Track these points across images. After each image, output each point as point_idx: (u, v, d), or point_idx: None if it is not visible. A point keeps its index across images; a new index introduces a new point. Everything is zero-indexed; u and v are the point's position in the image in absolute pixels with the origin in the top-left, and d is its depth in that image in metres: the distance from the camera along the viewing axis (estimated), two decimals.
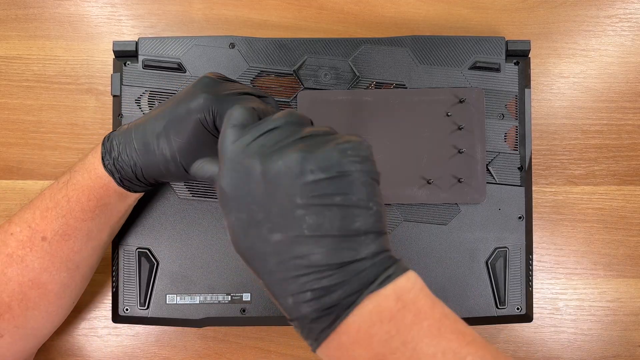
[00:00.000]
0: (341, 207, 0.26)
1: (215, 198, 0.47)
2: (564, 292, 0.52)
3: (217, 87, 0.38)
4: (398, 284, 0.25)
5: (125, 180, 0.40)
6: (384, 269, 0.26)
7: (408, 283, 0.26)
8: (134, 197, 0.43)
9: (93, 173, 0.40)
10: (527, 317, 0.47)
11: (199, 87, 0.38)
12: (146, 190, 0.43)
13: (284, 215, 0.26)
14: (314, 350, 0.27)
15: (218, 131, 0.38)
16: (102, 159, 0.40)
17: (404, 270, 0.26)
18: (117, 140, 0.40)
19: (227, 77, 0.42)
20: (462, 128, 0.46)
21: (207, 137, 0.38)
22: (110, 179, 0.40)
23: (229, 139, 0.29)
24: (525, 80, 0.48)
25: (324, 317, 0.25)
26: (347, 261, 0.25)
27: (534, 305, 0.50)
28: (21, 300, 0.40)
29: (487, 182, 0.47)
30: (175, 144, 0.38)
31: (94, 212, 0.41)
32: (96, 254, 0.44)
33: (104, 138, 0.41)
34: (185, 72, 0.47)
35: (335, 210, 0.26)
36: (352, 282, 0.25)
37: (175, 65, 0.47)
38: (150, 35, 0.52)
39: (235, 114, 0.30)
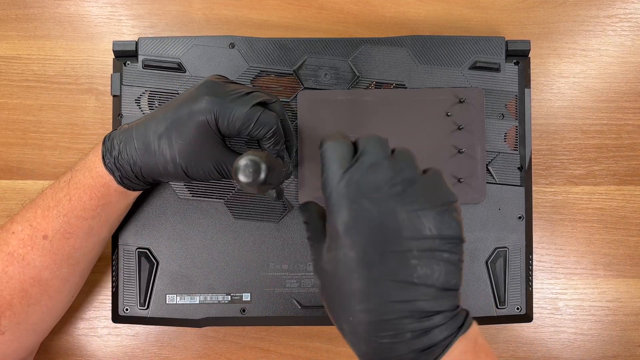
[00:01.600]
0: (447, 263, 0.29)
1: (215, 198, 0.47)
2: (564, 292, 0.52)
3: (220, 89, 0.39)
4: (474, 329, 0.30)
5: (125, 179, 0.40)
6: (465, 317, 0.30)
7: (477, 329, 0.30)
8: (133, 195, 0.43)
9: (94, 172, 0.40)
10: (527, 317, 0.47)
11: (202, 89, 0.39)
12: (145, 189, 0.44)
13: (398, 261, 0.28)
14: None
15: (221, 134, 0.39)
16: (103, 157, 0.40)
17: (471, 319, 0.30)
18: (117, 139, 0.40)
19: (230, 79, 0.42)
20: (462, 128, 0.46)
21: (209, 140, 0.39)
22: (111, 177, 0.40)
23: (336, 175, 0.30)
24: (525, 80, 0.48)
25: (422, 356, 0.28)
26: (445, 310, 0.29)
27: (534, 305, 0.50)
28: (22, 298, 0.40)
29: (487, 182, 0.47)
30: (176, 145, 0.38)
31: (95, 210, 0.41)
32: (96, 249, 0.44)
33: (105, 137, 0.41)
34: (185, 72, 0.47)
35: (442, 265, 0.29)
36: (449, 325, 0.29)
37: (175, 65, 0.47)
38: (150, 35, 0.52)
39: (334, 147, 0.30)
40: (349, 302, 0.29)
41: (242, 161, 0.32)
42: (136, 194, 0.43)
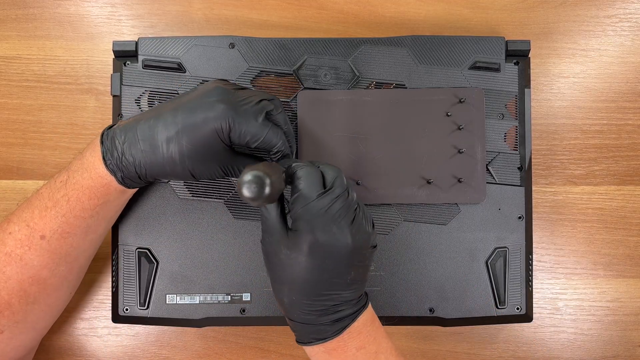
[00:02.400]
0: (366, 267, 0.39)
1: (215, 198, 0.47)
2: (564, 292, 0.52)
3: (232, 97, 0.39)
4: (369, 307, 0.41)
5: (127, 179, 0.40)
6: (366, 299, 0.41)
7: (370, 305, 0.41)
8: (131, 192, 0.43)
9: (93, 172, 0.40)
10: (527, 317, 0.47)
11: (214, 96, 0.39)
12: (144, 186, 0.44)
13: (346, 268, 0.37)
14: (304, 345, 0.40)
15: (231, 141, 0.40)
16: (103, 158, 0.39)
17: (369, 301, 0.41)
18: (119, 139, 0.39)
19: (234, 83, 0.42)
20: (462, 128, 0.46)
21: (218, 145, 0.39)
22: (112, 177, 0.40)
23: (312, 195, 0.36)
24: (525, 80, 0.48)
25: (337, 324, 0.38)
26: (359, 297, 0.40)
27: (534, 305, 0.50)
28: (21, 297, 0.40)
29: (487, 182, 0.47)
30: (186, 150, 0.38)
31: (94, 209, 0.41)
32: (94, 246, 0.44)
33: (102, 135, 0.40)
34: (185, 72, 0.47)
35: (363, 268, 0.39)
36: (358, 304, 0.39)
37: (175, 65, 0.47)
38: (150, 35, 0.52)
39: (310, 172, 0.37)
40: (295, 286, 0.37)
41: (247, 177, 0.32)
42: (133, 190, 0.43)
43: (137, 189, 0.44)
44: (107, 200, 0.41)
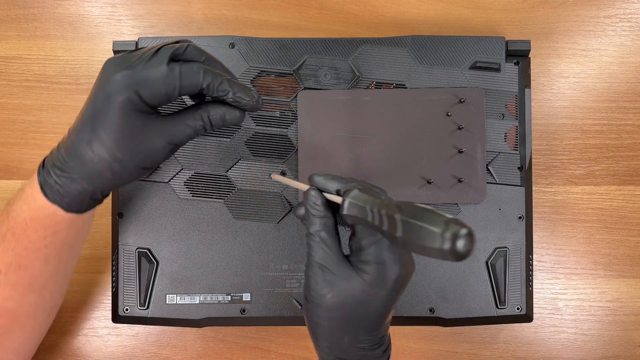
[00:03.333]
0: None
1: (215, 198, 0.47)
2: (564, 292, 0.52)
3: (126, 61, 0.34)
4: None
5: (73, 203, 0.37)
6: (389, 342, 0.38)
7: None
8: (88, 215, 0.40)
9: (33, 205, 0.37)
10: (527, 317, 0.47)
11: (108, 69, 0.35)
12: (98, 204, 0.40)
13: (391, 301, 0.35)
14: None
15: (150, 106, 0.35)
16: (42, 188, 0.36)
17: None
18: (52, 168, 0.36)
19: (128, 50, 0.39)
20: (462, 128, 0.46)
21: (140, 118, 0.35)
22: (56, 207, 0.37)
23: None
24: (525, 80, 0.48)
25: (385, 355, 0.36)
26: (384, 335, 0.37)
27: (534, 305, 0.50)
28: None
29: (487, 182, 0.47)
30: (108, 140, 0.34)
31: (44, 240, 0.38)
32: (62, 271, 0.41)
33: (39, 166, 0.38)
34: None
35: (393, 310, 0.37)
36: (389, 350, 0.37)
37: None
38: (150, 35, 0.52)
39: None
40: (363, 323, 0.34)
41: (462, 231, 0.27)
42: (91, 213, 0.40)
43: (93, 210, 0.40)
44: (56, 230, 0.38)
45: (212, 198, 0.47)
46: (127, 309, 0.47)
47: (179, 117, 0.37)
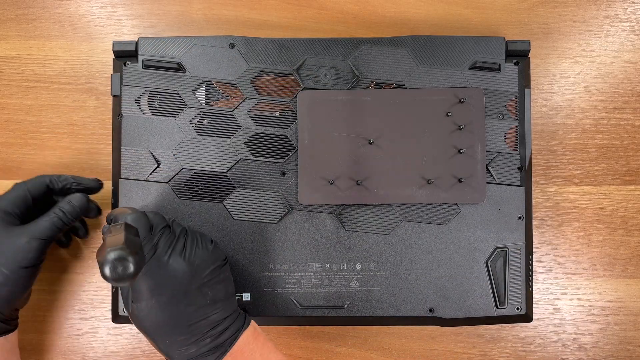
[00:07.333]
0: (224, 281, 0.40)
1: (215, 199, 0.47)
2: (564, 292, 0.52)
3: None
4: (253, 324, 0.42)
5: None
6: (245, 315, 0.42)
7: (254, 323, 0.42)
8: (8, 338, 0.43)
9: None
10: (527, 317, 0.47)
11: None
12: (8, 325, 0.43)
13: (198, 292, 0.38)
14: None
15: (10, 213, 0.42)
16: None
17: (250, 318, 0.42)
18: None
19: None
20: (462, 128, 0.46)
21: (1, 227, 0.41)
22: None
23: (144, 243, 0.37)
24: (525, 80, 0.48)
25: (217, 350, 0.38)
26: (230, 313, 0.40)
27: (534, 305, 0.50)
28: None
29: (487, 182, 0.47)
30: None
31: None
32: None
33: None
34: (185, 72, 0.47)
35: (221, 283, 0.40)
36: (235, 325, 0.40)
37: (175, 65, 0.47)
38: (150, 35, 0.52)
39: (139, 217, 0.38)
40: (160, 330, 0.37)
41: (108, 257, 0.29)
42: (12, 334, 0.43)
43: (14, 331, 0.44)
44: None
45: (212, 198, 0.47)
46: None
47: (39, 217, 0.43)
